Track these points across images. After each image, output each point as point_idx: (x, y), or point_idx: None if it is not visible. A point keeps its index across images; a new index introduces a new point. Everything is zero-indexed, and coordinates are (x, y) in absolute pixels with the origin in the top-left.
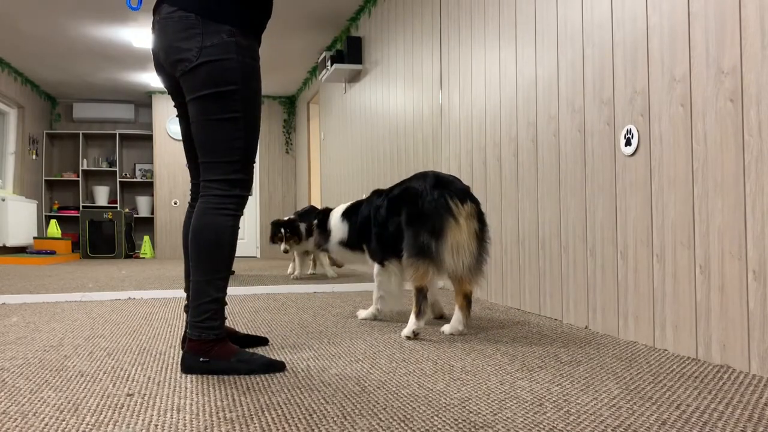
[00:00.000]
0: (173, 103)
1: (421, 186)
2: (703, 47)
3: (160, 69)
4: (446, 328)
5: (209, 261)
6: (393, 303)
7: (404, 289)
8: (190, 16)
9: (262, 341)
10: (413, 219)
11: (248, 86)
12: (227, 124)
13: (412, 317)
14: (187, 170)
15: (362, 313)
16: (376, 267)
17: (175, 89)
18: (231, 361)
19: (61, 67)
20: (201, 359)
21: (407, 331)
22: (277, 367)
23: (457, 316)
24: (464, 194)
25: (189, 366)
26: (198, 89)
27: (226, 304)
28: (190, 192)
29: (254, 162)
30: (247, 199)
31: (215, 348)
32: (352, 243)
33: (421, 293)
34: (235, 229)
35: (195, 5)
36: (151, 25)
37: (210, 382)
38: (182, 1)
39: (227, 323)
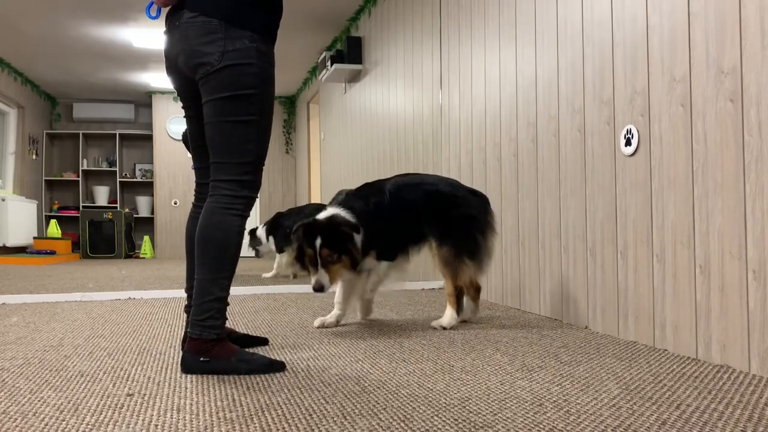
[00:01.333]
0: (181, 105)
1: (454, 189)
2: (703, 47)
3: (173, 71)
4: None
5: (215, 260)
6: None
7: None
8: (212, 21)
9: (262, 341)
10: (466, 222)
11: (265, 91)
12: (242, 126)
13: (453, 313)
14: (189, 170)
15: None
16: (384, 264)
17: (188, 91)
18: (231, 361)
19: (61, 67)
20: (201, 359)
21: (446, 322)
22: (277, 367)
23: (470, 306)
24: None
25: (189, 366)
26: (218, 91)
27: (228, 304)
28: (194, 193)
29: (264, 165)
30: (254, 200)
31: (216, 348)
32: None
33: (462, 292)
34: (242, 229)
35: (217, 11)
36: (167, 29)
37: (210, 382)
38: (204, 7)
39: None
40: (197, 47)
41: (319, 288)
